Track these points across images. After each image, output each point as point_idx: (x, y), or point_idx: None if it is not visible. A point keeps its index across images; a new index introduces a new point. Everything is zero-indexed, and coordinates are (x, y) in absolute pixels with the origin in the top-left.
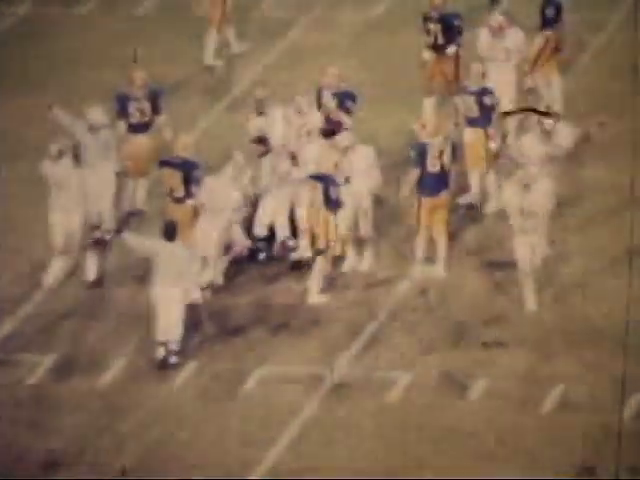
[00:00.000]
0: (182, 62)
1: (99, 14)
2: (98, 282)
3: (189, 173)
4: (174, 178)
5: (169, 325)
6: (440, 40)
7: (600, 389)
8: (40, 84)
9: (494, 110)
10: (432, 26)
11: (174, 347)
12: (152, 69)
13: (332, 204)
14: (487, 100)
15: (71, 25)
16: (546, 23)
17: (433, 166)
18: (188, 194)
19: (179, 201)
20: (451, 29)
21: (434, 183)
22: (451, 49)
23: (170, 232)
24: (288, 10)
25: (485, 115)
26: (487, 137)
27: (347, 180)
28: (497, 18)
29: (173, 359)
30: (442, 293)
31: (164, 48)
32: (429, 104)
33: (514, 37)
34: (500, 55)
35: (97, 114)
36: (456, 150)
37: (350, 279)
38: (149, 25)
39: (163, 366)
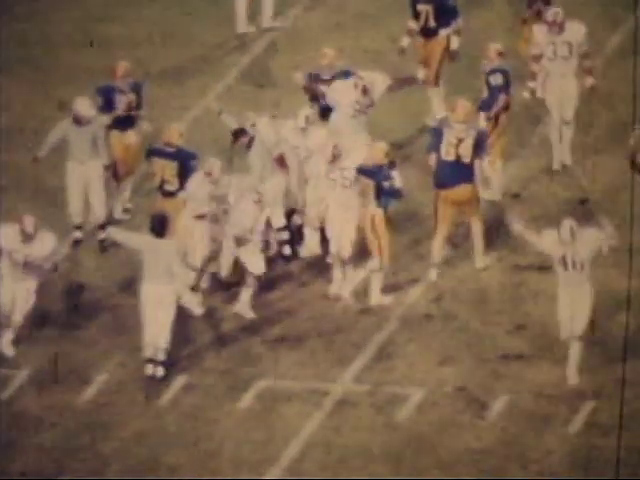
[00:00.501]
0: (169, 44)
1: None
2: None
3: (185, 163)
4: (168, 169)
5: (157, 330)
6: (431, 23)
7: (634, 407)
8: (13, 67)
9: (500, 91)
10: (423, 7)
11: (161, 357)
12: (135, 52)
13: (386, 197)
14: (492, 80)
15: (50, 3)
16: (537, 13)
17: (447, 154)
18: (182, 187)
19: (171, 195)
20: (445, 11)
21: (449, 173)
22: (444, 32)
23: (159, 227)
24: None
25: (491, 97)
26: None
27: (393, 165)
28: (553, 12)
29: (160, 371)
30: (459, 299)
31: (147, 29)
32: (436, 94)
33: (575, 30)
34: (561, 51)
35: (84, 106)
36: (482, 141)
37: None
38: (133, 4)
39: (149, 380)
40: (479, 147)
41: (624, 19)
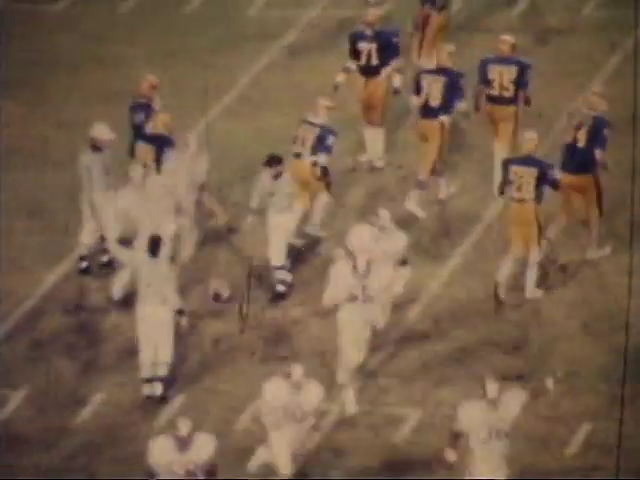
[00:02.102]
0: (169, 64)
1: (77, 11)
2: None
3: (161, 149)
4: (147, 153)
5: (155, 348)
6: (374, 61)
7: (632, 428)
8: (12, 87)
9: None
10: (365, 45)
11: (162, 372)
12: (136, 72)
13: (545, 186)
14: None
15: (48, 23)
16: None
17: (568, 135)
18: (159, 173)
19: None
20: (388, 49)
21: (567, 155)
22: (385, 71)
23: (154, 247)
24: (285, 9)
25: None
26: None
27: None
28: None
29: (158, 388)
30: (456, 319)
31: (148, 48)
32: (379, 133)
33: None
34: None
35: (103, 131)
36: (599, 129)
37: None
38: (132, 23)
39: (146, 401)
40: (596, 135)
41: (623, 40)
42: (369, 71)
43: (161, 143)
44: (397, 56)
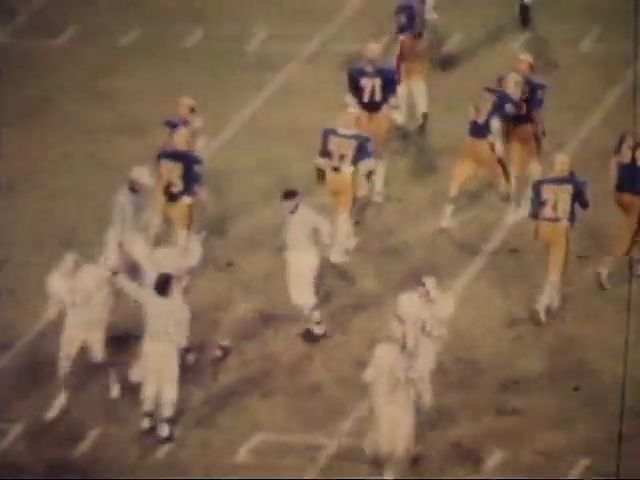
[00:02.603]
0: (169, 97)
1: (79, 45)
2: None
3: (190, 167)
4: (174, 171)
5: (160, 385)
6: (378, 97)
7: (630, 463)
8: (15, 120)
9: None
10: (367, 81)
11: (167, 413)
12: (137, 105)
13: (578, 206)
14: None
15: (49, 57)
16: (401, 29)
17: (625, 156)
18: (186, 190)
19: (175, 198)
20: (389, 85)
21: (625, 175)
22: (386, 106)
23: (163, 286)
24: (285, 43)
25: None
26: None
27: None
28: None
29: (165, 430)
30: (455, 354)
31: (149, 81)
32: (379, 167)
33: None
34: None
35: (143, 175)
36: None
37: (352, 335)
38: (133, 57)
39: (145, 434)
40: None
41: (622, 74)
42: (372, 107)
43: (189, 161)
44: (395, 93)
